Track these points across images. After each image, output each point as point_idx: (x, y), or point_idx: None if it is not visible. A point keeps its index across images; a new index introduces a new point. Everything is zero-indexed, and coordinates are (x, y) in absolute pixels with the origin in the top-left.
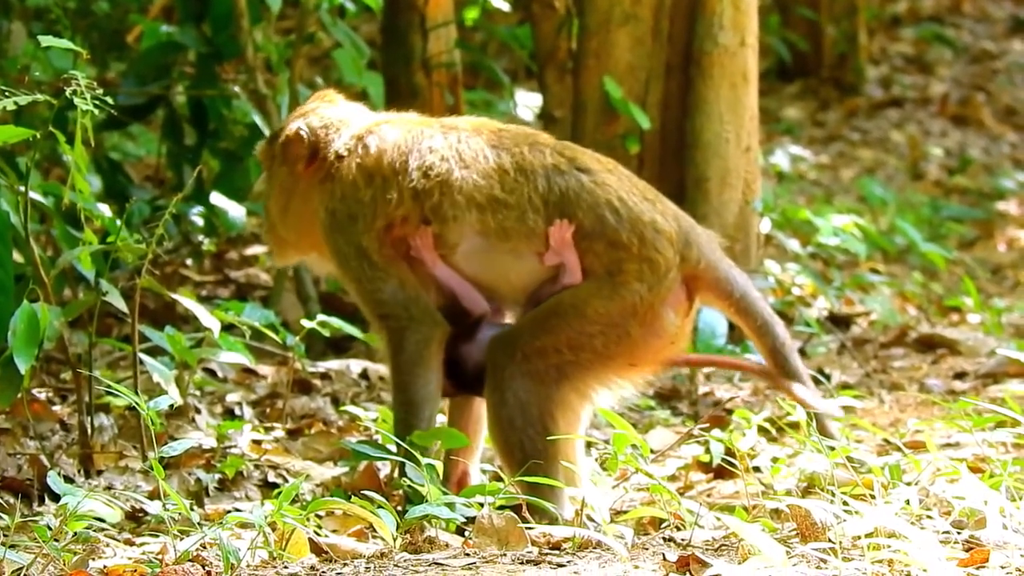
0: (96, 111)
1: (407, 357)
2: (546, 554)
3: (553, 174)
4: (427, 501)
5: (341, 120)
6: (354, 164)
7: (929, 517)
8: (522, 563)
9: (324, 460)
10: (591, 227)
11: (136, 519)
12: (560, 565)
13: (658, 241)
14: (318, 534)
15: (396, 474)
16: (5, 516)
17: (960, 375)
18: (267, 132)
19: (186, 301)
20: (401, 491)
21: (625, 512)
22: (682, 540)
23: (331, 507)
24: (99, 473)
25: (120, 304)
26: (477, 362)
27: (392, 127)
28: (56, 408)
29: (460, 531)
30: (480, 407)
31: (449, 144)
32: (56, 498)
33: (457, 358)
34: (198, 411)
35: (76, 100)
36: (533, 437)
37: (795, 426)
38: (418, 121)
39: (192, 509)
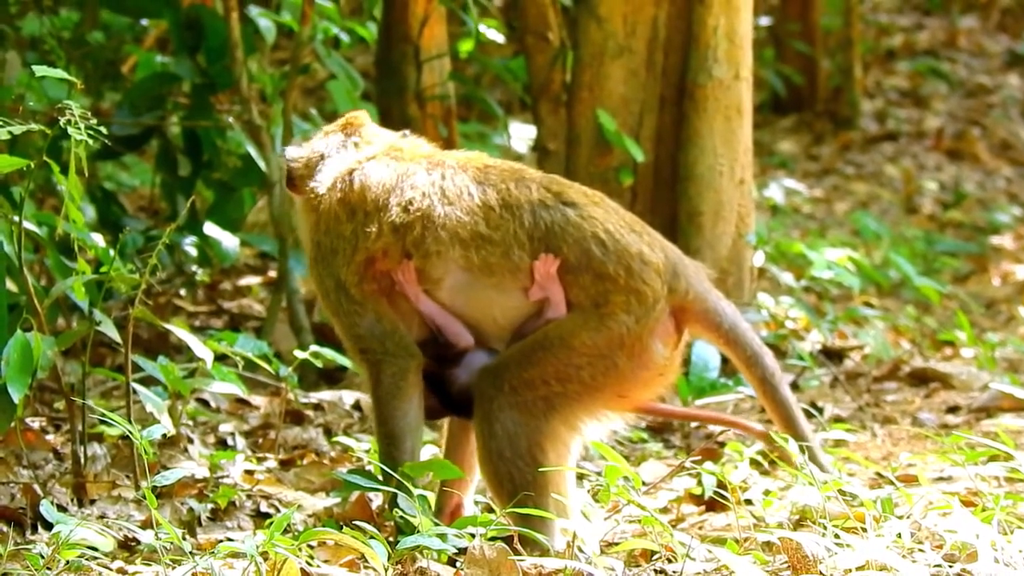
0: (90, 141)
1: (384, 390)
2: None
3: (539, 209)
4: (419, 532)
5: (326, 152)
6: (336, 198)
7: (921, 550)
8: None
9: (316, 490)
10: (577, 260)
11: (129, 548)
12: None
13: (645, 273)
14: (310, 564)
15: (388, 505)
16: None
17: (953, 409)
18: (261, 163)
19: (179, 331)
20: (393, 522)
21: (616, 544)
22: (673, 572)
23: (323, 537)
24: (92, 502)
25: (113, 334)
26: (462, 385)
27: (379, 164)
28: (49, 437)
29: (452, 562)
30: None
31: (432, 181)
32: (49, 527)
33: (442, 379)
34: (191, 441)
35: (70, 130)
36: (523, 469)
37: (787, 459)
38: (409, 157)
39: (184, 538)
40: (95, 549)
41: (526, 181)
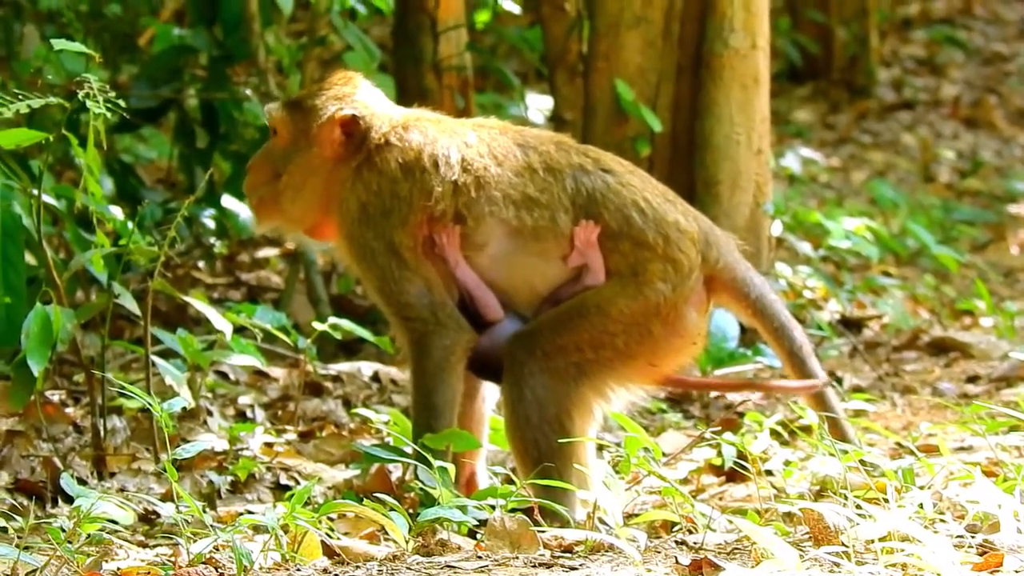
0: (108, 114)
1: (433, 363)
2: (558, 557)
3: (579, 174)
4: (439, 504)
5: (382, 111)
6: (395, 158)
7: (943, 521)
8: (534, 566)
9: (336, 463)
10: (618, 227)
11: (149, 521)
12: (572, 568)
13: (682, 242)
14: (330, 536)
15: (408, 477)
16: (19, 518)
17: (973, 379)
18: None
19: (198, 303)
20: (413, 494)
21: (637, 515)
22: (694, 543)
23: (343, 510)
24: (112, 475)
25: (132, 306)
26: (487, 348)
27: (431, 124)
28: (69, 410)
29: (472, 534)
30: (483, 407)
31: (481, 139)
32: (69, 500)
33: None
34: (210, 413)
35: (88, 103)
36: (548, 435)
37: (808, 429)
38: (452, 119)
39: (205, 511)
40: (115, 522)
41: (564, 145)
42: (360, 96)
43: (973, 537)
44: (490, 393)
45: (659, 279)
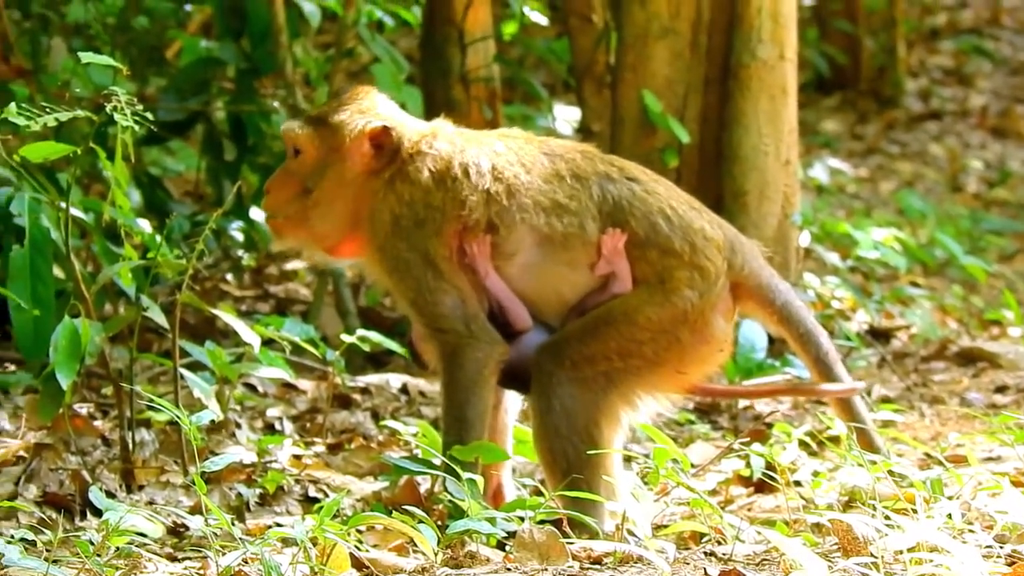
0: (136, 127)
1: (466, 376)
2: (587, 569)
3: (605, 182)
4: (468, 516)
5: (403, 122)
6: (426, 168)
7: (971, 531)
8: None
9: (364, 475)
10: (645, 235)
11: (178, 534)
12: None
13: (708, 249)
14: (359, 549)
15: (437, 489)
16: (48, 531)
17: (1001, 389)
18: None
19: (226, 316)
20: (442, 506)
21: (666, 526)
22: (723, 554)
23: (372, 522)
24: (140, 488)
25: (161, 319)
26: (514, 359)
27: (456, 134)
28: (97, 423)
29: (501, 546)
30: (507, 418)
31: (509, 147)
32: (98, 513)
33: None
34: (239, 426)
35: (116, 116)
36: (577, 446)
37: (836, 440)
38: (473, 131)
39: (233, 524)
40: (144, 535)
41: (589, 154)
42: (381, 109)
43: (1002, 547)
44: (513, 404)
45: (686, 286)
